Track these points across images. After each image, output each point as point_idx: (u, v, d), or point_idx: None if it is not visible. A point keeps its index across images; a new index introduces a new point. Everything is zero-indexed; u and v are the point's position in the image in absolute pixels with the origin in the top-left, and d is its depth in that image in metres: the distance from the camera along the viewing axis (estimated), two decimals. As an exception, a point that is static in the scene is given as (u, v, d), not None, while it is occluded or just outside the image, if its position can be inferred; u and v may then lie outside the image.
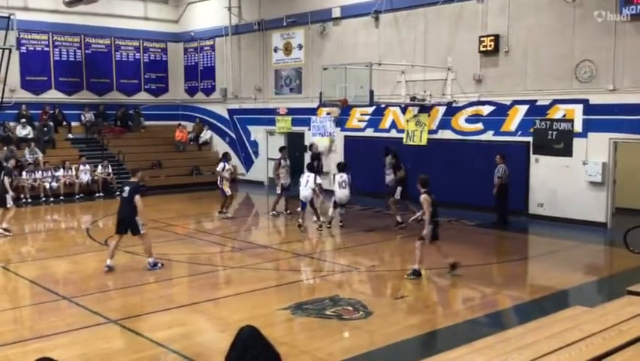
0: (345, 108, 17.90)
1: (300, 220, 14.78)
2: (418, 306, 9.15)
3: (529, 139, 15.74)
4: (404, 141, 18.21)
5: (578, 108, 14.83)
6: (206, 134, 25.62)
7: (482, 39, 16.32)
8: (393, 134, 18.74)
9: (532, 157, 15.71)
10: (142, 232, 10.75)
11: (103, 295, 9.50)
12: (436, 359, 5.14)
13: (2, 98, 21.96)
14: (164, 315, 8.54)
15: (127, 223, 10.77)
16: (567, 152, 15.02)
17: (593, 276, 11.32)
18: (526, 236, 14.85)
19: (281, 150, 17.66)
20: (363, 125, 19.80)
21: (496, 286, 10.48)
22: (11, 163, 15.74)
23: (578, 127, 14.85)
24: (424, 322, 8.28)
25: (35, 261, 12.39)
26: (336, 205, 14.92)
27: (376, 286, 10.45)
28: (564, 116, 15.10)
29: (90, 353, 7.15)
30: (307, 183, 14.71)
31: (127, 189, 10.91)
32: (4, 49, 21.07)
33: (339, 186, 14.76)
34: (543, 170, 15.54)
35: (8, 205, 14.29)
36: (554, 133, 15.25)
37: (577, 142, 14.88)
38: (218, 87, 25.18)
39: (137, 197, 10.70)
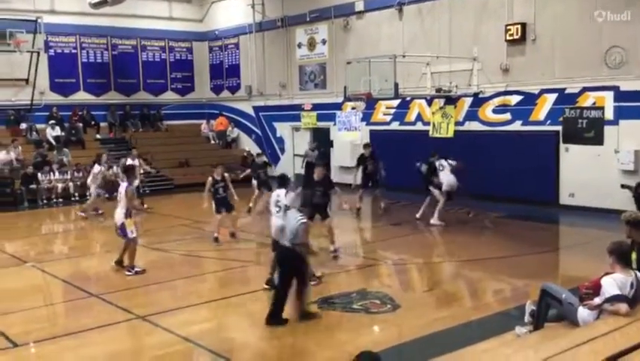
0: (370, 102, 17.77)
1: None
2: (446, 299, 9.03)
3: (559, 128, 15.44)
4: (430, 133, 18.03)
5: (609, 95, 14.50)
6: (234, 133, 25.74)
7: (508, 27, 16.05)
8: (419, 127, 18.58)
9: (562, 146, 15.41)
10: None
11: (132, 292, 9.57)
12: (466, 351, 5.07)
13: (32, 100, 22.37)
14: (194, 310, 8.57)
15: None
16: (598, 140, 14.69)
17: (628, 266, 11.03)
18: (557, 227, 14.59)
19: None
20: (388, 118, 19.67)
21: (528, 278, 10.25)
22: (260, 160, 16.73)
23: (609, 115, 14.52)
24: (452, 315, 8.15)
25: (66, 259, 12.59)
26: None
27: (404, 280, 10.38)
28: (594, 103, 14.78)
29: (120, 349, 7.23)
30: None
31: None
32: (32, 52, 21.45)
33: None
34: (573, 159, 15.23)
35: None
36: (584, 121, 14.94)
37: (608, 130, 14.56)
38: (243, 85, 25.27)
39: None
